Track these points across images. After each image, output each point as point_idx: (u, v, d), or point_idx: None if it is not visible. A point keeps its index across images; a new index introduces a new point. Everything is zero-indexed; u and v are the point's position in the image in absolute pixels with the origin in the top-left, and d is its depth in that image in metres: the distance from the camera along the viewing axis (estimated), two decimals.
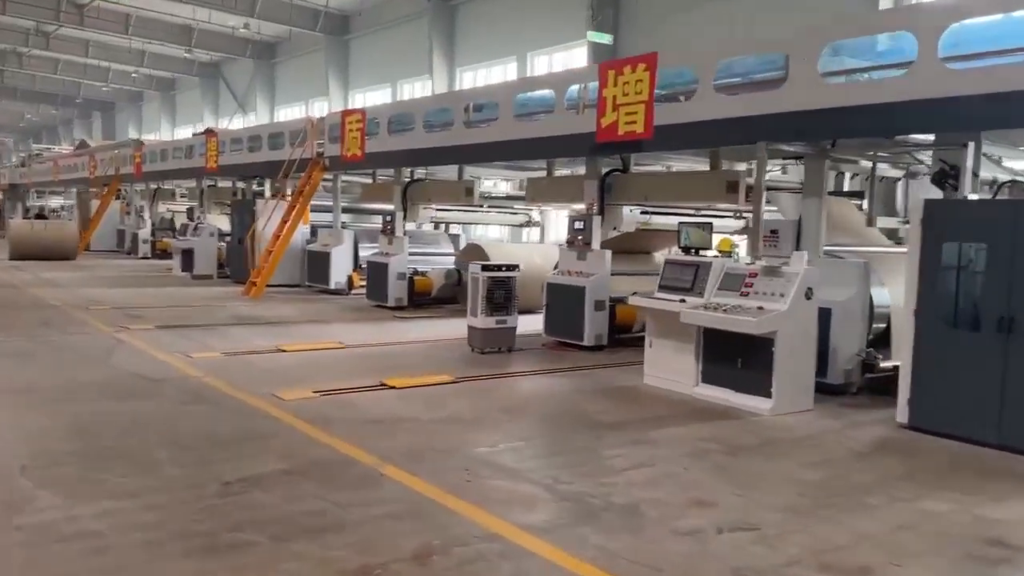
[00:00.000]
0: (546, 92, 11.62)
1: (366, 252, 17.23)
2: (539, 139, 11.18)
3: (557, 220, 17.54)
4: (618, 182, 10.78)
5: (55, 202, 41.62)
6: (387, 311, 14.15)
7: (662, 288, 8.38)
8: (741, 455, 5.94)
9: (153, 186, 27.18)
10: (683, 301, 7.90)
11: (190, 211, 21.33)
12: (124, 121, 55.29)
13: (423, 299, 14.85)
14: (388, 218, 14.90)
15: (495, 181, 17.71)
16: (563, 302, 10.68)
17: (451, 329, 12.10)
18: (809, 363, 7.49)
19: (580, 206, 12.16)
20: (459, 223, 17.85)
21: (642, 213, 10.93)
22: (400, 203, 14.87)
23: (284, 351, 9.82)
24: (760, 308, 7.32)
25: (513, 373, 8.91)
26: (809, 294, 7.39)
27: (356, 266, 17.06)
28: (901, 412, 6.92)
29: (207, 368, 8.49)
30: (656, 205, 10.87)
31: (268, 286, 16.16)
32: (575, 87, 10.81)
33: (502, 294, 10.09)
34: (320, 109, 30.40)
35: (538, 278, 14.50)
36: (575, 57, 21.63)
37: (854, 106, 7.53)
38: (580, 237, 10.77)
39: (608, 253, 10.60)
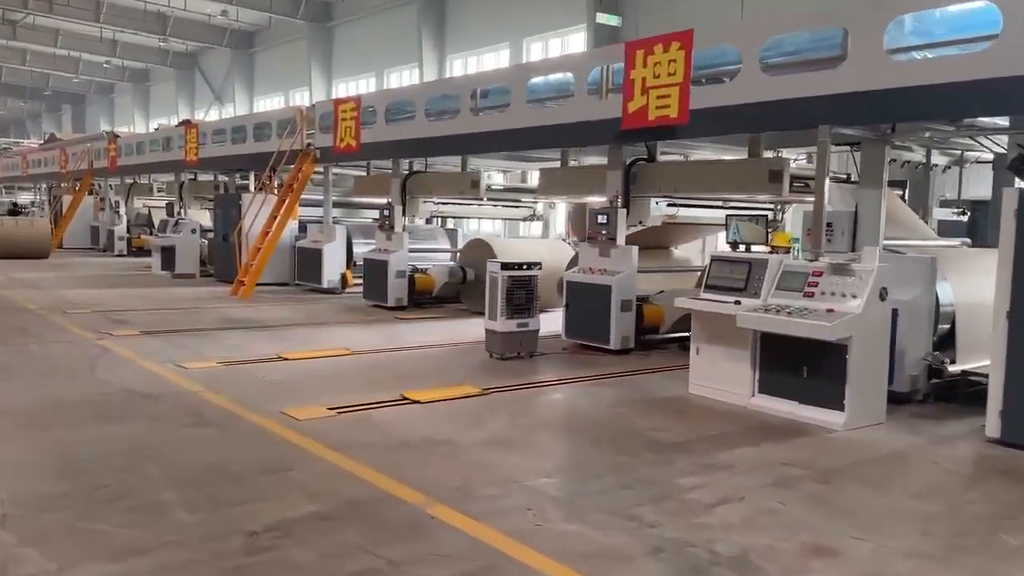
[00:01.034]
0: (562, 75, 10.83)
1: (360, 249, 16.42)
2: (556, 127, 10.37)
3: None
4: (644, 172, 9.99)
5: (24, 198, 40.19)
6: (387, 312, 13.30)
7: (709, 288, 7.61)
8: (834, 482, 5.18)
9: (128, 180, 26.10)
10: (738, 303, 7.13)
11: (169, 206, 20.32)
12: (95, 114, 53.79)
13: (424, 298, 14.02)
14: (386, 212, 14.03)
15: (489, 173, 16.85)
16: (585, 302, 9.90)
17: (460, 331, 11.33)
18: (882, 371, 6.76)
19: (596, 198, 11.41)
20: (460, 217, 17.01)
21: (669, 205, 10.14)
22: (399, 196, 13.99)
23: (286, 359, 8.96)
24: (830, 311, 6.57)
25: (542, 382, 8.11)
26: (884, 294, 6.65)
27: (350, 263, 16.20)
28: (992, 426, 6.20)
29: (204, 381, 7.62)
30: (685, 197, 10.09)
31: (256, 285, 15.24)
32: (597, 69, 10.00)
33: (523, 295, 9.28)
34: (302, 99, 29.43)
35: (549, 275, 13.76)
36: (572, 43, 20.82)
37: (925, 86, 6.80)
38: (604, 232, 9.98)
39: (635, 249, 9.83)
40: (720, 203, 10.83)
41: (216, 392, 7.17)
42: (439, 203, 14.49)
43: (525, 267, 9.32)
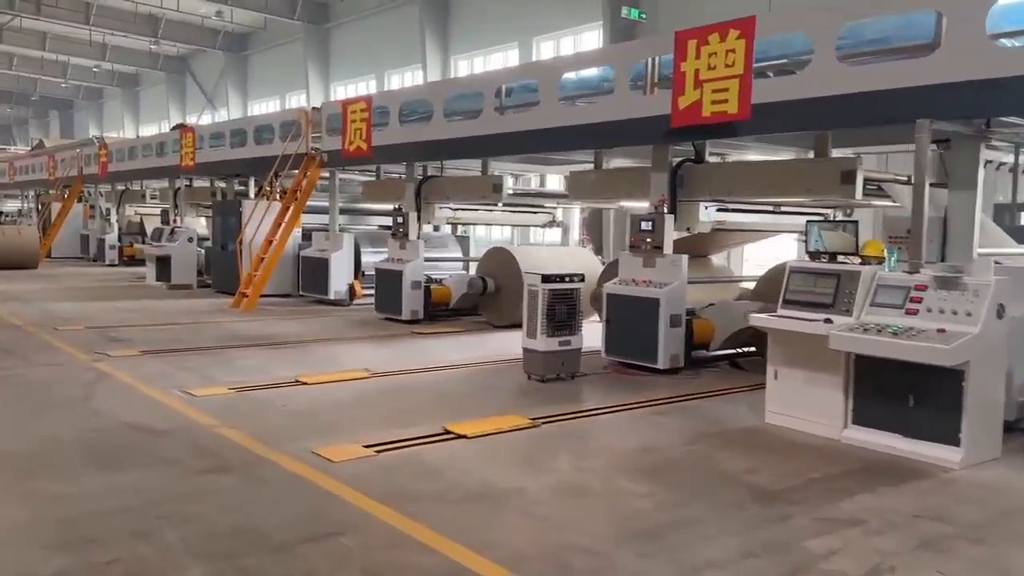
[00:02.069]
0: (598, 70, 9.99)
1: (368, 258, 15.54)
2: (593, 125, 9.52)
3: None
4: (693, 174, 9.14)
5: (11, 206, 39.09)
6: (402, 325, 12.40)
7: (788, 304, 6.74)
8: (992, 543, 4.32)
9: (120, 187, 25.12)
10: (829, 321, 6.27)
11: (164, 213, 19.37)
12: (83, 120, 52.65)
13: (440, 311, 13.12)
14: (399, 219, 13.14)
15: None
16: (629, 317, 9.03)
17: (485, 347, 10.47)
18: (999, 399, 5.93)
19: (631, 203, 10.60)
20: (474, 224, 16.13)
21: (719, 211, 9.29)
22: (413, 202, 13.11)
23: (304, 383, 8.05)
24: (941, 331, 5.71)
25: (595, 410, 7.22)
26: (1001, 312, 5.81)
27: (358, 273, 15.30)
28: None
29: (216, 411, 6.71)
30: (739, 201, 9.25)
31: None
32: (641, 62, 9.15)
33: (565, 309, 8.41)
34: (298, 103, 28.52)
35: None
36: (586, 41, 19.99)
37: None
38: (648, 240, 9.12)
39: (684, 259, 8.97)
40: (773, 207, 10.01)
41: (233, 426, 6.26)
42: (456, 209, 13.60)
43: (567, 279, 8.44)
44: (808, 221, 7.16)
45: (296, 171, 14.98)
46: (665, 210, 9.07)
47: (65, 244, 26.00)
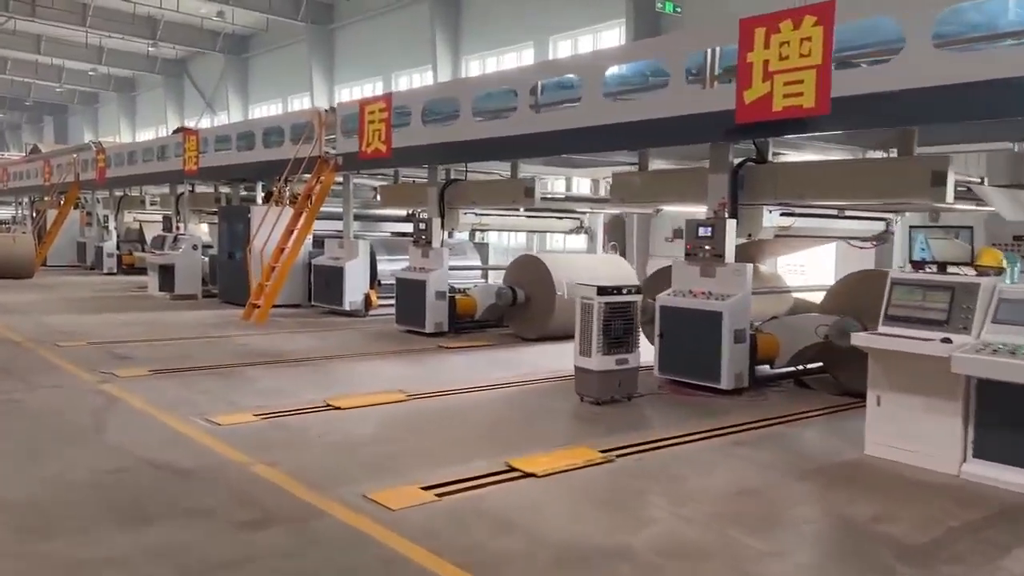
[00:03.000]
0: (645, 63, 9.25)
1: (384, 266, 14.76)
2: (644, 123, 8.75)
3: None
4: (756, 176, 8.39)
5: (3, 213, 38.20)
6: (426, 339, 11.62)
7: (892, 320, 5.98)
8: None
9: (118, 193, 24.29)
10: (947, 340, 5.50)
11: (167, 220, 18.54)
12: (78, 125, 51.75)
13: (464, 323, 12.34)
14: (422, 226, 12.36)
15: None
16: (687, 332, 8.26)
17: (522, 364, 9.75)
18: None
19: (682, 207, 9.86)
20: (502, 230, 15.37)
21: (782, 215, 8.54)
22: (437, 207, 12.33)
23: (337, 408, 7.26)
24: None
25: (668, 440, 6.42)
26: None
27: (374, 283, 14.52)
28: None
29: (247, 444, 5.92)
30: (809, 205, 8.51)
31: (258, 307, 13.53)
32: (698, 54, 8.40)
33: (622, 325, 7.63)
34: (301, 106, 27.75)
35: None
36: (606, 39, 19.26)
37: None
38: (707, 247, 8.36)
39: (750, 268, 8.23)
40: (837, 211, 9.26)
41: (269, 463, 5.47)
42: (481, 214, 12.82)
43: (624, 291, 7.67)
44: (912, 227, 6.39)
45: (307, 175, 14.21)
46: (726, 215, 8.30)
47: (61, 252, 25.14)
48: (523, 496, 5.02)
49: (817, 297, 9.53)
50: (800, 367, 8.72)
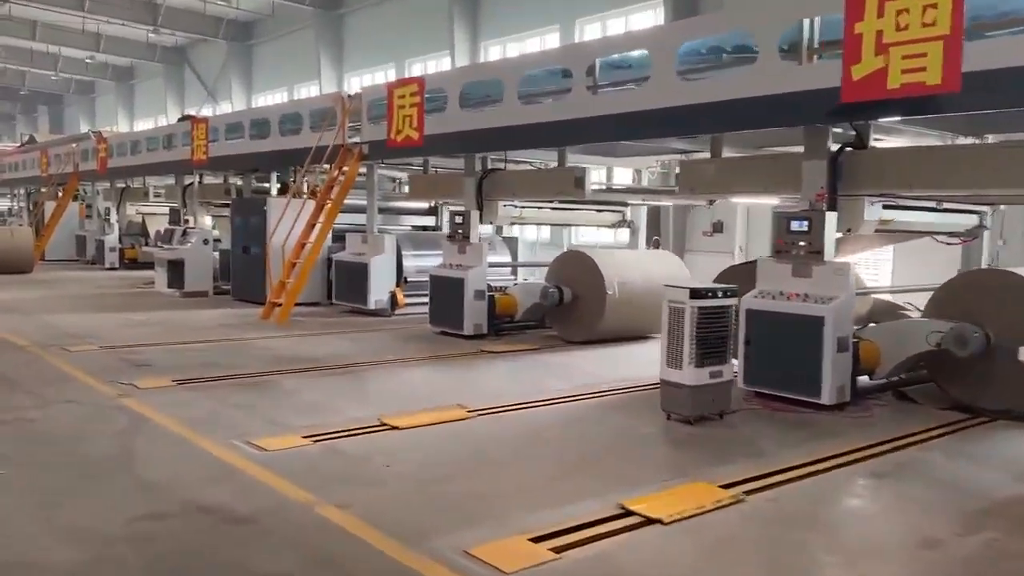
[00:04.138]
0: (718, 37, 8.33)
1: (410, 262, 13.84)
2: (726, 103, 7.82)
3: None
4: (856, 163, 7.46)
5: None
6: (465, 342, 10.71)
7: None
8: None
9: (120, 184, 23.27)
10: None
11: (175, 213, 17.54)
12: (74, 115, 50.53)
13: (503, 323, 11.41)
14: (458, 219, 11.42)
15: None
16: (779, 339, 7.34)
17: (581, 373, 8.91)
18: None
19: (761, 199, 8.93)
20: (543, 223, 14.44)
21: (885, 207, 7.62)
22: (474, 199, 11.39)
23: (393, 427, 6.34)
24: None
25: (792, 470, 5.48)
26: None
27: (400, 280, 13.58)
28: None
29: (304, 477, 5.00)
30: (914, 196, 7.60)
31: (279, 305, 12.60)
32: (791, 26, 7.45)
33: (717, 333, 6.71)
34: (307, 94, 26.71)
35: (656, 293, 11.22)
36: (636, 22, 18.29)
37: None
38: (803, 243, 7.43)
39: (851, 267, 7.31)
40: (936, 203, 8.35)
41: (338, 505, 4.54)
42: (520, 206, 11.88)
43: (720, 293, 6.74)
44: None
45: (326, 165, 13.26)
46: (824, 207, 7.38)
47: (60, 246, 24.14)
48: (658, 552, 4.10)
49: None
50: (901, 377, 7.83)
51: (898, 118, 7.27)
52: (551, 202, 12.00)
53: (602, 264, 10.77)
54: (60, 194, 25.19)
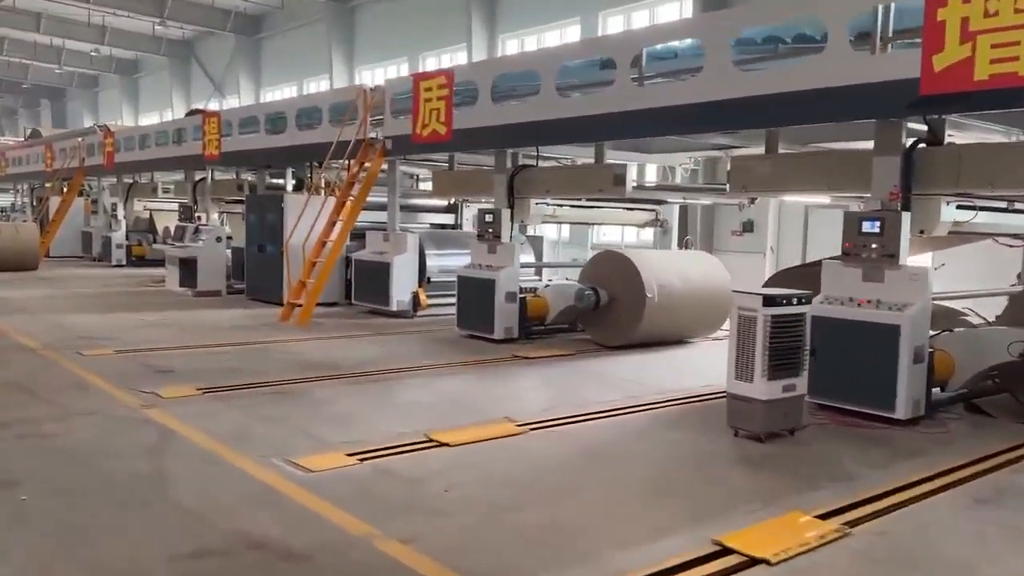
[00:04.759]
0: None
1: (433, 261, 13.36)
2: (790, 96, 7.31)
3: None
4: (931, 160, 6.96)
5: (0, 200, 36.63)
6: (496, 346, 10.23)
7: None
8: None
9: (127, 180, 22.76)
10: None
11: (187, 210, 17.00)
12: (77, 110, 49.95)
13: (533, 326, 10.92)
14: (488, 218, 10.92)
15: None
16: (849, 348, 6.85)
17: (626, 382, 8.46)
18: None
19: (813, 197, 8.44)
20: (574, 223, 13.96)
21: (959, 208, 7.12)
22: (505, 197, 10.90)
23: (444, 444, 5.84)
24: None
25: (890, 496, 4.99)
26: None
27: (422, 280, 13.08)
28: None
29: (358, 503, 4.52)
30: (994, 196, 7.11)
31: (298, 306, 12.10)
32: (863, 13, 6.95)
33: (790, 343, 6.21)
34: (317, 89, 26.21)
35: (704, 296, 10.77)
36: (662, 14, 17.77)
37: None
38: (875, 246, 6.92)
39: (928, 272, 6.81)
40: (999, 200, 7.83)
41: (402, 538, 4.05)
42: (554, 204, 11.38)
43: (795, 300, 6.24)
44: None
45: (347, 161, 12.76)
46: (899, 207, 6.88)
47: (65, 243, 23.62)
48: None
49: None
50: (971, 389, 7.32)
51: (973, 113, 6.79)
52: (581, 200, 11.52)
53: (641, 265, 10.27)
54: (65, 189, 24.70)
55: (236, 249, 15.66)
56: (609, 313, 10.48)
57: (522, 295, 10.75)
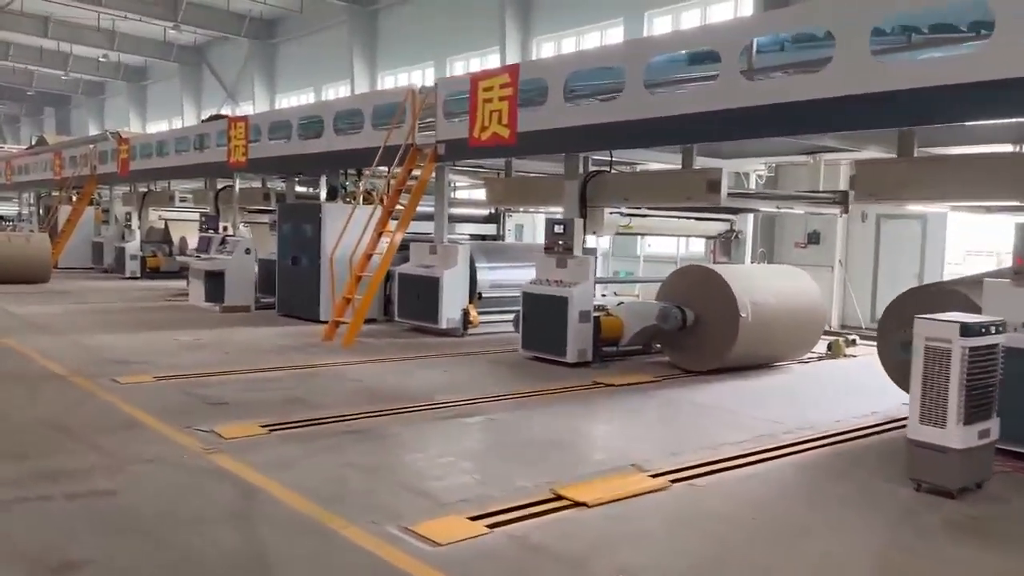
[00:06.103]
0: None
1: (484, 275, 12.38)
2: (943, 89, 6.32)
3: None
4: None
5: (4, 210, 35.57)
6: (571, 371, 9.24)
7: None
8: None
9: (142, 188, 21.76)
10: None
11: (211, 220, 15.91)
12: (82, 118, 48.89)
13: (606, 349, 9.91)
14: (558, 228, 9.92)
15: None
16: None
17: (736, 413, 7.51)
18: None
19: (946, 204, 7.46)
20: (649, 234, 12.95)
21: None
22: (577, 206, 9.91)
23: (580, 504, 4.81)
24: None
25: None
26: None
27: (473, 296, 12.09)
28: None
29: None
30: None
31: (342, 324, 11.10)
32: None
33: (986, 380, 5.20)
34: (335, 95, 25.23)
35: (800, 314, 9.79)
36: (713, 14, 16.82)
37: None
38: None
39: None
40: None
41: None
42: (628, 214, 10.38)
43: (993, 329, 5.22)
44: None
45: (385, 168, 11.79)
46: None
47: (75, 253, 22.59)
48: None
49: None
50: None
51: None
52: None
53: (731, 281, 9.29)
54: (75, 198, 23.67)
55: (264, 261, 14.63)
56: (695, 335, 9.50)
57: (596, 314, 9.75)
